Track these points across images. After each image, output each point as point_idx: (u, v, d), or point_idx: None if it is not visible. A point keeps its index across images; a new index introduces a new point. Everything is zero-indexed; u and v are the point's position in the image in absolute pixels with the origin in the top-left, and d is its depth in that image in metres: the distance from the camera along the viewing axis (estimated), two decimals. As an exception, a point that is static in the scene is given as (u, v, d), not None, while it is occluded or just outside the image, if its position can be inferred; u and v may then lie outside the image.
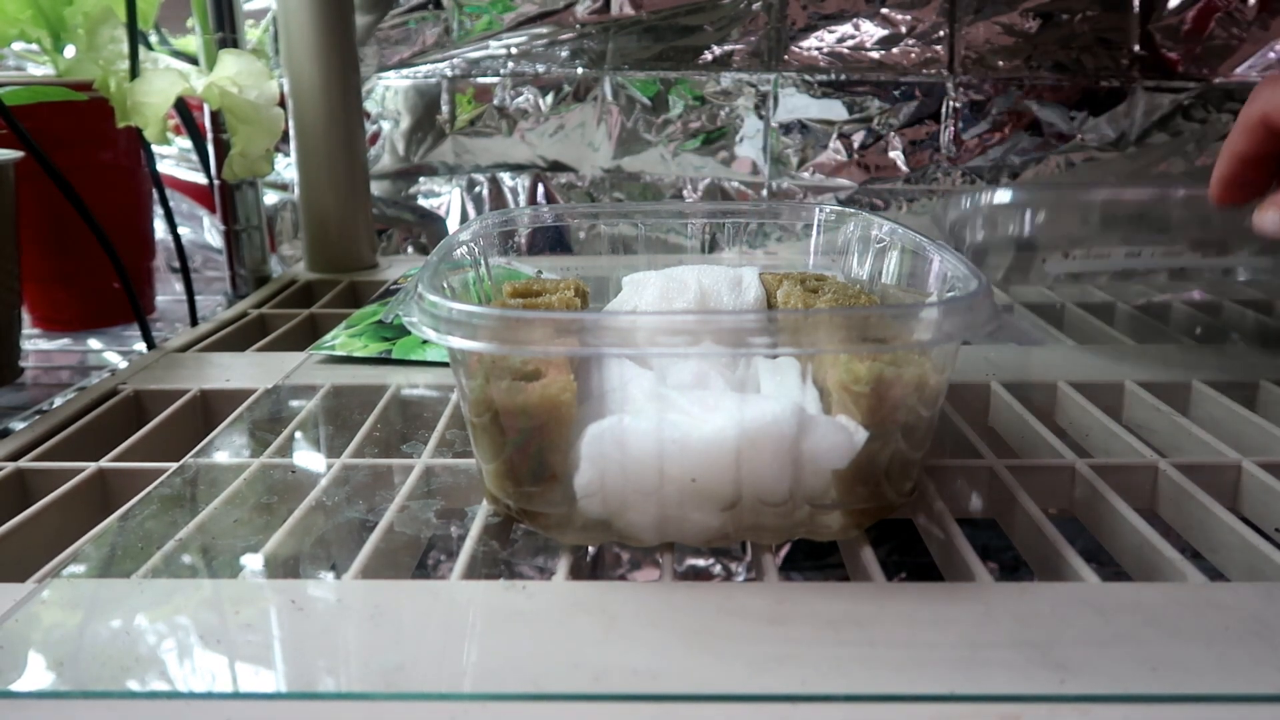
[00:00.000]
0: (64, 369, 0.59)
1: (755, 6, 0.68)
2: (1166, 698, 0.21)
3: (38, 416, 0.40)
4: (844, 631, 0.23)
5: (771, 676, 0.22)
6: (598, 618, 0.24)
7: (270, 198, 0.76)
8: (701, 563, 0.69)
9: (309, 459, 0.34)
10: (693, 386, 0.28)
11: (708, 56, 0.70)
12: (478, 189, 0.76)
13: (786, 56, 0.69)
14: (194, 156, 0.77)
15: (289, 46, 0.59)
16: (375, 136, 0.75)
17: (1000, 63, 0.67)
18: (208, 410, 0.41)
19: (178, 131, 0.68)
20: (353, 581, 0.26)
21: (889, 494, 0.27)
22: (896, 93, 0.68)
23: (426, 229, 0.77)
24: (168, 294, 0.73)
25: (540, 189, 0.75)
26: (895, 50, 0.68)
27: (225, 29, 0.60)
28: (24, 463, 0.34)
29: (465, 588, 0.26)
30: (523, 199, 0.75)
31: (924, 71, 0.68)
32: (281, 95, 0.58)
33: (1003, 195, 0.41)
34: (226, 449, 0.36)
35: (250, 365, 0.45)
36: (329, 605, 0.25)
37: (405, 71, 0.74)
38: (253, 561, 0.27)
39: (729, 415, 0.25)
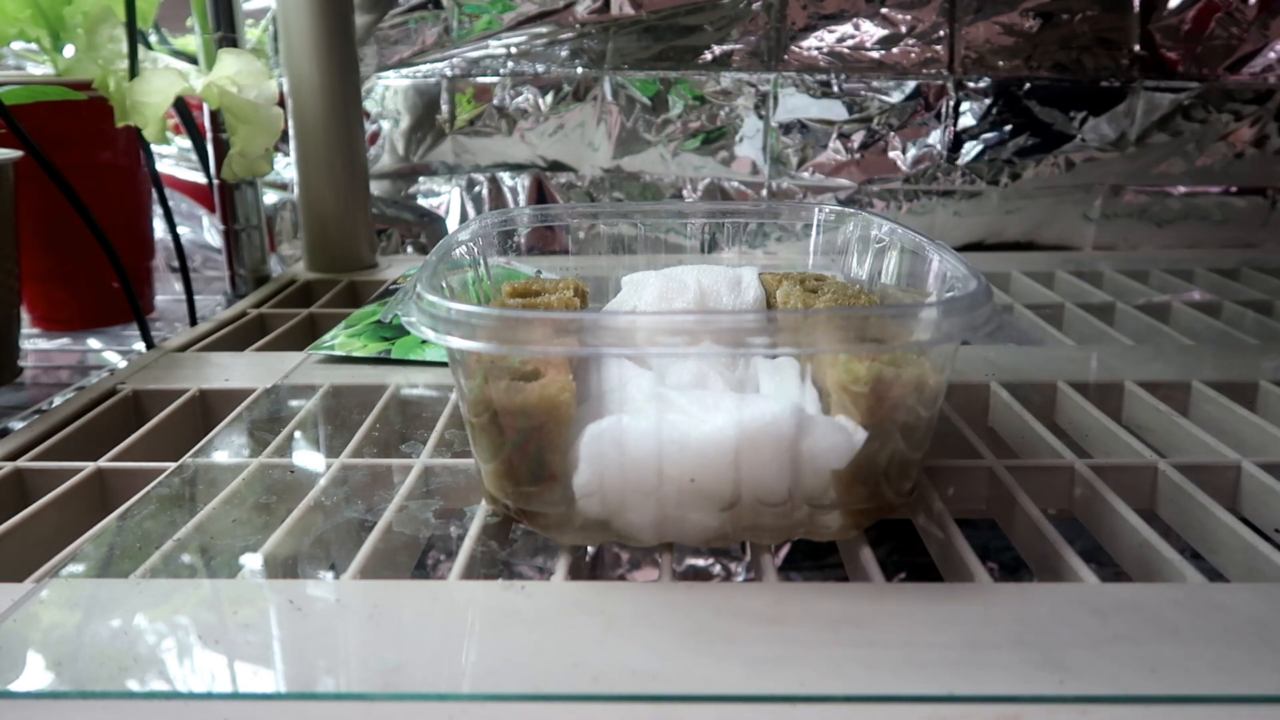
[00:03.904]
0: (63, 368, 0.59)
1: (755, 6, 0.68)
2: (1166, 698, 0.21)
3: (36, 416, 0.40)
4: (843, 632, 0.23)
5: (770, 677, 0.22)
6: (597, 618, 0.24)
7: (270, 197, 0.76)
8: (701, 563, 0.69)
9: (308, 459, 0.34)
10: (692, 386, 0.28)
11: (708, 56, 0.70)
12: (477, 189, 0.76)
13: (786, 56, 0.68)
14: (193, 156, 0.77)
15: (289, 46, 0.59)
16: (375, 136, 0.75)
17: (1000, 63, 0.67)
18: (206, 410, 0.41)
19: (177, 131, 0.68)
20: (351, 581, 0.26)
21: (888, 494, 0.27)
22: (896, 93, 0.68)
23: (426, 229, 0.77)
24: (167, 294, 0.73)
25: (540, 189, 0.75)
26: (895, 50, 0.68)
27: (224, 28, 0.60)
28: (23, 462, 0.34)
29: (464, 588, 0.26)
30: (522, 199, 0.75)
31: (924, 71, 0.68)
32: (281, 95, 0.58)
33: None
34: (225, 449, 0.36)
35: (249, 365, 0.45)
36: (328, 605, 0.25)
37: (405, 71, 0.74)
38: (251, 561, 0.27)
39: (728, 415, 0.25)
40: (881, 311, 0.24)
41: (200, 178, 0.75)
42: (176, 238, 0.58)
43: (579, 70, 0.71)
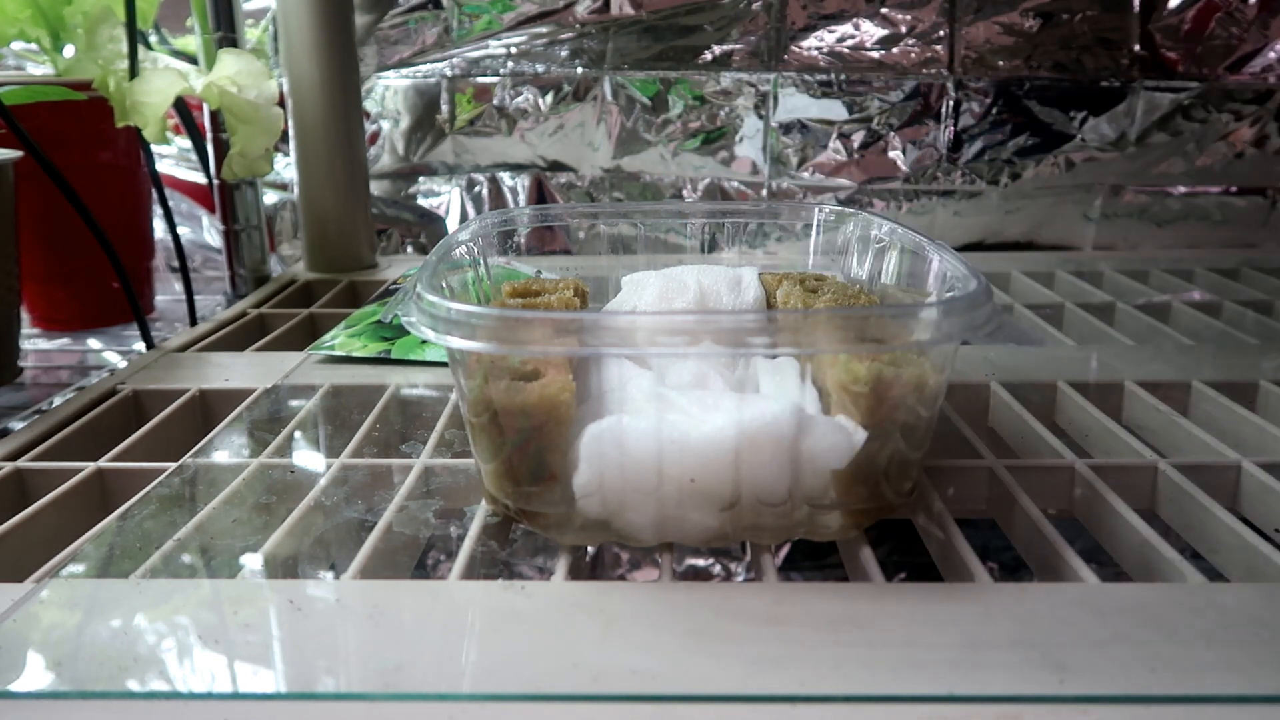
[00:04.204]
0: (63, 369, 0.59)
1: (755, 6, 0.68)
2: (1166, 698, 0.21)
3: (37, 416, 0.40)
4: (843, 632, 0.23)
5: (770, 677, 0.22)
6: (597, 618, 0.24)
7: (270, 197, 0.76)
8: (701, 563, 0.69)
9: (308, 459, 0.34)
10: (692, 386, 0.28)
11: (708, 56, 0.70)
12: (477, 189, 0.76)
13: (786, 56, 0.68)
14: (193, 156, 0.77)
15: (289, 46, 0.59)
16: (375, 136, 0.75)
17: (1000, 63, 0.67)
18: (207, 410, 0.41)
19: (177, 131, 0.68)
20: (351, 581, 0.26)
21: (888, 494, 0.27)
22: (896, 93, 0.68)
23: (426, 229, 0.77)
24: (167, 294, 0.73)
25: (540, 189, 0.75)
26: (895, 50, 0.68)
27: (224, 28, 0.60)
28: (23, 462, 0.34)
29: (464, 588, 0.26)
30: (522, 199, 0.75)
31: (924, 71, 0.68)
32: (281, 95, 0.58)
33: None
34: (225, 449, 0.36)
35: (249, 365, 0.45)
36: (328, 605, 0.25)
37: (405, 71, 0.74)
38: (252, 561, 0.27)
39: (728, 415, 0.25)
40: (881, 311, 0.24)
41: (200, 178, 0.75)
42: (176, 238, 0.58)
43: (579, 70, 0.71)
